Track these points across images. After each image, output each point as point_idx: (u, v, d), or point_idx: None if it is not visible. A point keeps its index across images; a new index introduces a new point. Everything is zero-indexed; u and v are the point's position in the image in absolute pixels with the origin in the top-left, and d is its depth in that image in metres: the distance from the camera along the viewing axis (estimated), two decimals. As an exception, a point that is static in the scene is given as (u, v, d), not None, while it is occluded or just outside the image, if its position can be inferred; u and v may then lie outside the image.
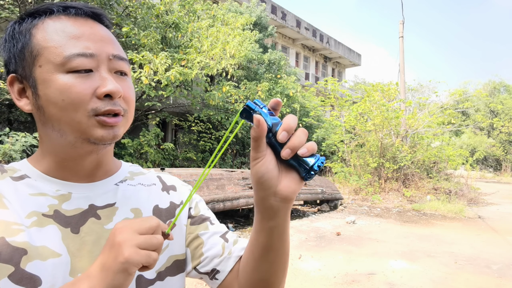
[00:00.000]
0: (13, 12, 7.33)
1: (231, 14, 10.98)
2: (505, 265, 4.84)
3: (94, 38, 0.60)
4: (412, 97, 26.70)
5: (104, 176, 0.69)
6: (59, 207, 0.61)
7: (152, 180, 0.76)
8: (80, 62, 0.58)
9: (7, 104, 7.12)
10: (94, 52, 0.59)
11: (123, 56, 0.64)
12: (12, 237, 0.55)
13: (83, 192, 0.65)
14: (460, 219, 8.32)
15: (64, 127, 0.59)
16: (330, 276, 4.30)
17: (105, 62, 0.60)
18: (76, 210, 0.62)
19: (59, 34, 0.59)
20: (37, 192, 0.62)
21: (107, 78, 0.59)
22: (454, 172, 13.68)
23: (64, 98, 0.57)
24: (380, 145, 11.97)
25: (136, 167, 0.78)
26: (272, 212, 0.58)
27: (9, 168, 0.65)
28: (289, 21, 23.24)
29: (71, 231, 0.60)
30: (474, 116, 29.13)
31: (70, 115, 0.58)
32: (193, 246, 0.73)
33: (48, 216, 0.60)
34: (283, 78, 13.08)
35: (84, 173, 0.65)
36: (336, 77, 29.58)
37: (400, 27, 14.59)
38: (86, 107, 0.58)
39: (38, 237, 0.57)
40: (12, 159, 5.27)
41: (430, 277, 4.34)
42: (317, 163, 0.52)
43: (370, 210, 9.30)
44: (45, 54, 0.58)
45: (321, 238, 6.11)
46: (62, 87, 0.57)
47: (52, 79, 0.58)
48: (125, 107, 0.62)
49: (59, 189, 0.63)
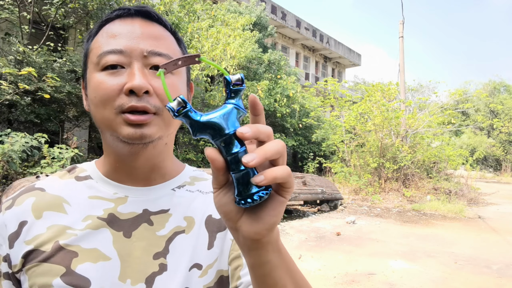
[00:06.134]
0: (13, 12, 7.33)
1: (231, 15, 10.98)
2: (505, 265, 4.84)
3: (130, 36, 0.60)
4: (412, 97, 26.72)
5: (161, 180, 0.67)
6: (114, 211, 0.62)
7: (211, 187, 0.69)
8: (109, 58, 0.58)
9: (7, 104, 7.11)
10: (125, 49, 0.58)
11: (161, 51, 0.61)
12: (65, 240, 0.58)
13: (138, 196, 0.64)
14: (460, 219, 8.32)
15: (100, 124, 0.60)
16: (330, 276, 4.30)
17: (138, 59, 0.59)
18: (131, 214, 0.63)
19: (103, 36, 0.61)
20: (96, 194, 0.64)
21: (135, 74, 0.57)
22: (454, 172, 13.67)
23: (96, 95, 0.59)
24: (380, 145, 11.97)
25: (200, 172, 0.75)
26: (242, 249, 0.46)
27: (79, 168, 0.69)
28: (289, 21, 23.24)
29: (123, 235, 0.61)
30: (474, 116, 29.14)
31: (100, 112, 0.59)
32: (233, 266, 0.65)
33: (102, 220, 0.61)
34: (283, 78, 13.08)
35: (139, 176, 0.65)
36: (336, 77, 29.59)
37: (400, 27, 14.59)
38: (113, 104, 0.57)
39: (91, 240, 0.59)
40: (12, 159, 5.27)
41: (430, 277, 4.34)
42: (260, 193, 0.40)
43: (370, 210, 9.30)
44: (90, 55, 0.62)
45: (321, 238, 6.11)
46: (95, 85, 0.59)
47: (91, 78, 0.60)
48: (159, 105, 0.59)
49: (116, 192, 0.64)
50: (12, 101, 6.69)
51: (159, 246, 0.62)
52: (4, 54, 7.38)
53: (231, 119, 0.41)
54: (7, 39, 7.34)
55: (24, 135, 5.66)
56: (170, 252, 0.62)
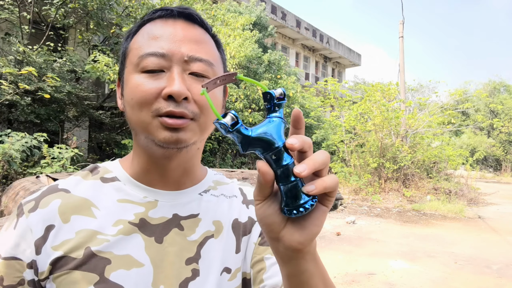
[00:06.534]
0: (12, 12, 7.33)
1: (231, 15, 10.99)
2: (505, 265, 4.84)
3: (172, 38, 0.59)
4: (412, 97, 26.74)
5: (190, 185, 0.67)
6: (145, 215, 0.61)
7: (234, 191, 0.74)
8: (150, 61, 0.57)
9: (7, 104, 7.11)
10: (167, 52, 0.57)
11: (202, 57, 0.60)
12: (97, 247, 0.56)
13: (168, 200, 0.63)
14: (460, 219, 8.32)
15: (135, 126, 0.59)
16: (330, 276, 4.30)
17: (179, 63, 0.58)
18: (161, 219, 0.62)
19: (144, 36, 0.60)
20: (125, 198, 0.62)
21: (175, 79, 0.56)
22: (454, 172, 13.67)
23: (133, 97, 0.58)
24: (380, 145, 11.97)
25: (220, 175, 0.76)
26: (281, 259, 0.48)
27: (102, 168, 0.66)
28: (289, 21, 23.24)
29: (155, 240, 0.60)
30: (474, 116, 29.14)
31: (137, 114, 0.58)
32: (256, 269, 0.67)
33: (133, 225, 0.60)
34: (283, 78, 13.08)
35: (170, 180, 0.64)
36: (336, 77, 29.59)
37: (400, 27, 14.59)
38: (150, 107, 0.56)
39: (123, 246, 0.58)
40: (12, 159, 5.27)
41: (430, 277, 4.34)
42: (310, 202, 0.42)
43: (370, 210, 9.30)
44: (130, 56, 0.60)
45: (321, 238, 6.11)
46: (133, 86, 0.58)
47: (129, 79, 0.59)
48: (196, 111, 0.58)
49: (146, 196, 0.62)
50: (12, 101, 6.69)
51: (191, 251, 0.62)
52: (4, 54, 7.38)
53: (279, 133, 0.43)
54: (7, 39, 7.34)
55: (24, 135, 5.66)
56: (202, 257, 0.62)
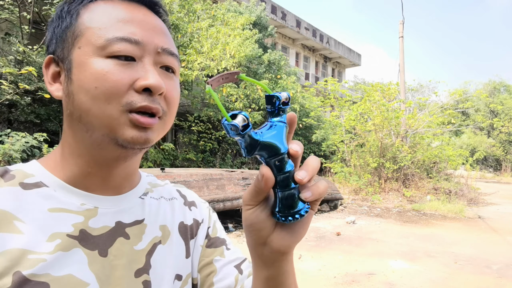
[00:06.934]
0: (12, 12, 7.33)
1: (231, 14, 10.99)
2: (505, 265, 4.84)
3: (144, 26, 0.53)
4: (412, 97, 26.76)
5: (129, 188, 0.60)
6: (85, 226, 0.52)
7: (172, 193, 0.69)
8: (122, 47, 0.50)
9: (7, 104, 7.12)
10: (141, 39, 0.52)
11: (174, 51, 0.56)
12: (30, 270, 0.46)
13: (109, 206, 0.56)
14: (460, 219, 8.32)
15: (93, 119, 0.50)
16: (330, 276, 4.30)
17: (152, 54, 0.53)
18: (103, 229, 0.54)
19: (106, 16, 0.52)
20: (59, 206, 0.52)
21: (150, 71, 0.51)
22: (454, 172, 13.68)
23: (98, 85, 0.49)
24: (380, 145, 11.97)
25: (152, 177, 0.70)
26: (264, 262, 0.49)
27: (16, 172, 0.53)
28: (289, 21, 23.25)
29: (99, 254, 0.52)
30: (474, 116, 29.14)
31: (101, 106, 0.49)
32: (205, 273, 0.64)
33: (73, 238, 0.51)
34: (283, 78, 13.09)
35: (112, 184, 0.57)
36: (336, 77, 29.60)
37: (400, 27, 14.59)
38: (120, 100, 0.49)
39: (63, 264, 0.49)
40: (12, 159, 5.27)
41: (430, 277, 4.34)
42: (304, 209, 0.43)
43: (370, 210, 9.30)
44: (87, 35, 0.51)
45: (321, 238, 6.11)
46: (98, 73, 0.49)
47: (88, 63, 0.50)
48: (165, 108, 0.54)
49: (84, 203, 0.54)
50: (12, 101, 6.69)
51: (139, 262, 0.56)
52: (4, 54, 7.39)
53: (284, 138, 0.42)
54: (7, 39, 7.35)
55: (24, 135, 5.66)
56: (152, 266, 0.57)
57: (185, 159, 11.70)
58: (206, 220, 0.69)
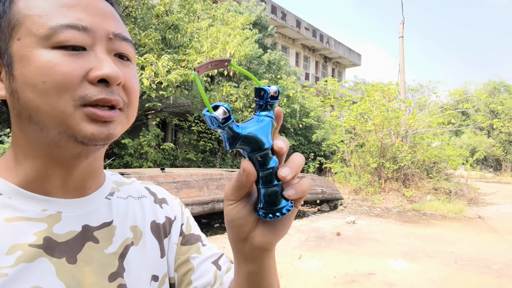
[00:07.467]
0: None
1: (230, 14, 10.99)
2: (505, 265, 4.84)
3: (92, 11, 0.47)
4: (412, 97, 26.74)
5: (95, 188, 0.56)
6: (49, 233, 0.48)
7: (141, 191, 0.65)
8: (69, 35, 0.45)
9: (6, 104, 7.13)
10: (90, 26, 0.46)
11: (126, 36, 0.51)
12: None
13: (73, 210, 0.51)
14: (460, 219, 8.32)
15: (44, 118, 0.45)
16: (330, 276, 4.30)
17: (103, 41, 0.48)
18: (69, 234, 0.49)
19: (46, 1, 0.46)
20: (17, 215, 0.47)
21: (104, 59, 0.46)
22: (454, 172, 13.67)
23: (46, 79, 0.44)
24: (380, 145, 11.98)
25: (117, 175, 0.65)
26: (245, 258, 0.49)
27: None
28: (289, 21, 23.25)
29: (67, 261, 0.48)
30: (474, 116, 29.14)
31: (51, 102, 0.44)
32: (182, 271, 0.62)
33: (37, 247, 0.46)
34: (283, 78, 13.09)
35: (73, 184, 0.52)
36: (336, 77, 29.60)
37: (400, 27, 14.60)
38: (73, 94, 0.44)
39: (27, 276, 0.44)
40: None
41: (430, 277, 4.34)
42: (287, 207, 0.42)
43: (370, 210, 9.30)
44: (26, 24, 0.45)
45: (321, 238, 6.11)
46: (44, 66, 0.44)
47: (32, 56, 0.44)
48: (126, 99, 0.49)
49: (45, 209, 0.49)
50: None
51: (112, 266, 0.53)
52: None
53: (268, 133, 0.41)
54: None
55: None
56: (126, 269, 0.54)
57: (185, 159, 11.70)
58: (179, 217, 0.67)
